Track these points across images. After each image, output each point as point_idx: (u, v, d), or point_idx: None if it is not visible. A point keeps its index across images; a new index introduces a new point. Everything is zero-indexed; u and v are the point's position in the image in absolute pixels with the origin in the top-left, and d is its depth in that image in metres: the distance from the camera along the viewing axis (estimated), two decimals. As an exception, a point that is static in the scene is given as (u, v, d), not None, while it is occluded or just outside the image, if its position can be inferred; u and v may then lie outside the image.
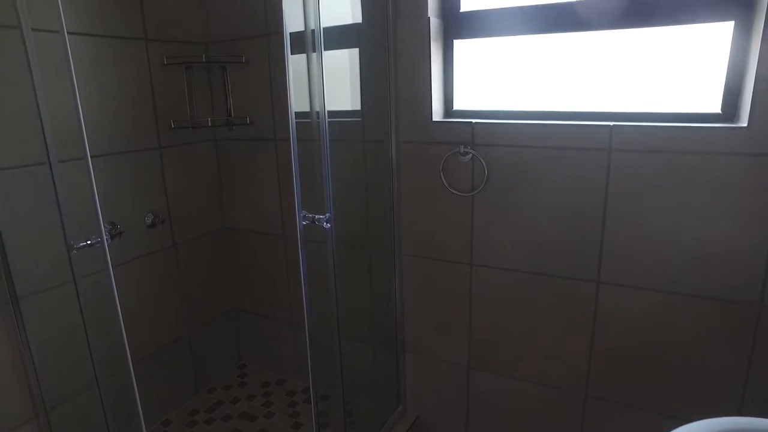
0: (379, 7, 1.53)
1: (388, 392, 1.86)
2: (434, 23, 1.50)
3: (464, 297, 1.64)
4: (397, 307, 1.77)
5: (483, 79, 1.58)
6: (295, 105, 1.13)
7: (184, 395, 2.08)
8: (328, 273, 1.36)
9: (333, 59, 1.60)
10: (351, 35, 1.64)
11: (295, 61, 1.20)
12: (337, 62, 1.69)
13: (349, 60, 1.68)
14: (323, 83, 1.24)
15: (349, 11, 1.63)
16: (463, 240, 1.58)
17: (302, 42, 1.35)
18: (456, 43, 1.57)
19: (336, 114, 1.52)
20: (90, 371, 1.38)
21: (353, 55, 1.68)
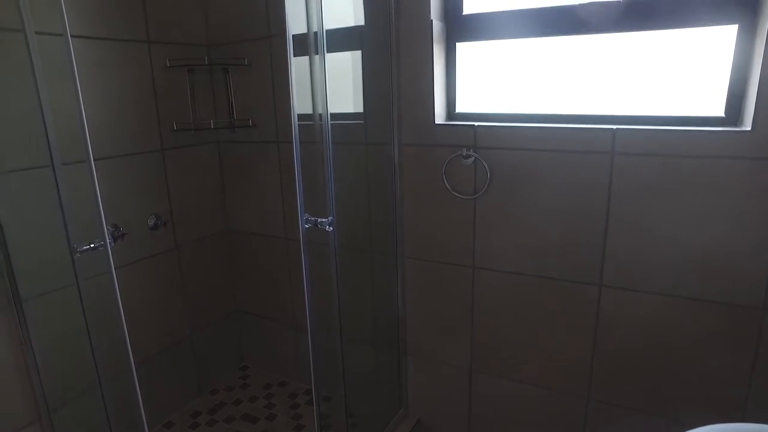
0: (382, 10, 1.53)
1: (390, 394, 1.86)
2: (437, 26, 1.50)
3: (466, 300, 1.63)
4: (399, 310, 1.77)
5: (485, 82, 1.58)
6: (298, 107, 1.13)
7: (187, 397, 2.09)
8: (331, 276, 1.36)
9: (335, 61, 1.60)
10: (353, 37, 1.64)
11: (298, 64, 1.20)
12: (340, 64, 1.69)
13: (352, 62, 1.68)
14: (326, 85, 1.24)
15: (352, 13, 1.63)
16: (466, 243, 1.58)
17: (305, 44, 1.35)
18: (458, 46, 1.56)
19: (338, 116, 1.52)
20: (92, 373, 1.38)
21: (356, 58, 1.67)
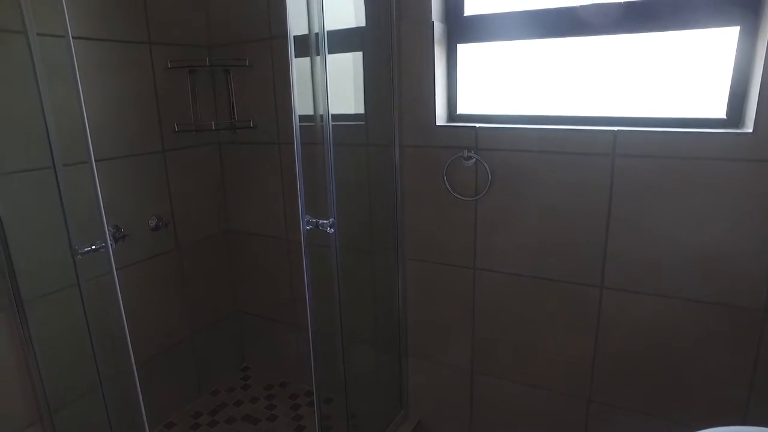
0: (383, 11, 1.53)
1: (391, 395, 1.86)
2: (438, 27, 1.50)
3: (467, 301, 1.63)
4: (400, 311, 1.77)
5: (487, 84, 1.58)
6: (299, 108, 1.13)
7: (188, 398, 2.09)
8: (332, 277, 1.36)
9: (337, 63, 1.61)
10: (355, 39, 1.64)
11: (299, 65, 1.20)
12: (341, 66, 1.69)
13: (353, 63, 1.68)
14: (327, 87, 1.24)
15: (353, 14, 1.63)
16: (467, 244, 1.58)
17: (306, 45, 1.35)
18: (460, 48, 1.56)
19: (340, 117, 1.52)
20: (93, 374, 1.39)
21: (357, 59, 1.67)
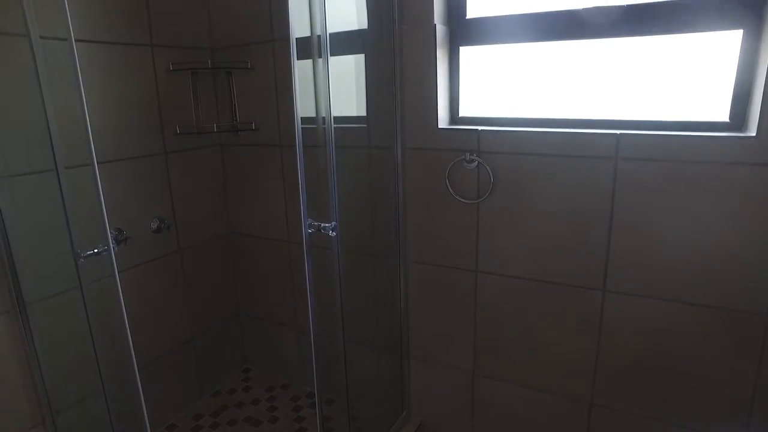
0: (385, 14, 1.53)
1: (393, 397, 1.85)
2: (440, 30, 1.50)
3: (469, 304, 1.63)
4: (402, 313, 1.76)
5: (489, 86, 1.58)
6: (301, 111, 1.12)
7: (189, 400, 2.09)
8: (334, 279, 1.36)
9: (339, 65, 1.60)
10: (357, 41, 1.64)
11: (301, 67, 1.19)
12: (343, 68, 1.69)
13: (355, 66, 1.68)
14: (329, 89, 1.24)
15: (355, 17, 1.63)
16: (469, 247, 1.58)
17: (308, 47, 1.34)
18: (462, 50, 1.56)
19: (341, 120, 1.52)
20: (96, 376, 1.39)
21: (359, 61, 1.67)
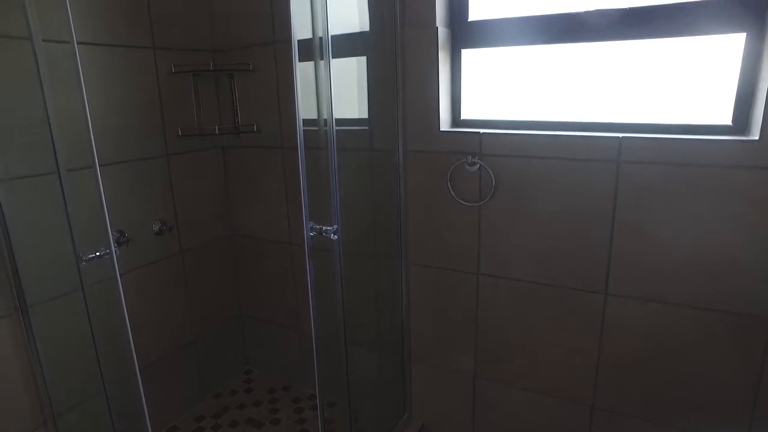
0: (387, 16, 1.53)
1: (394, 400, 1.85)
2: (442, 32, 1.50)
3: (471, 306, 1.63)
4: (404, 315, 1.76)
5: (491, 89, 1.58)
6: (303, 113, 1.12)
7: (191, 401, 2.09)
8: (335, 282, 1.36)
9: (340, 67, 1.60)
10: (359, 43, 1.64)
11: (303, 69, 1.19)
12: (345, 70, 1.69)
13: (357, 68, 1.68)
14: (331, 91, 1.24)
15: (357, 19, 1.63)
16: (470, 250, 1.58)
17: (310, 49, 1.34)
18: (464, 53, 1.56)
19: (343, 122, 1.52)
20: (97, 378, 1.39)
21: (361, 64, 1.67)
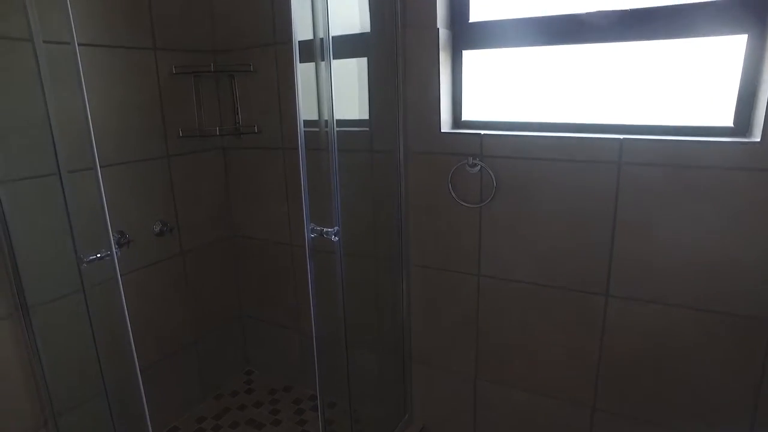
0: (388, 17, 1.53)
1: (395, 401, 1.85)
2: (443, 34, 1.50)
3: (471, 307, 1.63)
4: (405, 317, 1.76)
5: (492, 90, 1.58)
6: (303, 114, 1.12)
7: (191, 402, 2.09)
8: (336, 283, 1.36)
9: (341, 68, 1.60)
10: (359, 44, 1.64)
11: (304, 70, 1.19)
12: (346, 71, 1.69)
13: (358, 69, 1.68)
14: (332, 92, 1.23)
15: (358, 20, 1.63)
16: (471, 251, 1.58)
17: (311, 50, 1.34)
18: (465, 54, 1.56)
19: (344, 123, 1.52)
20: (98, 379, 1.39)
21: (361, 65, 1.67)
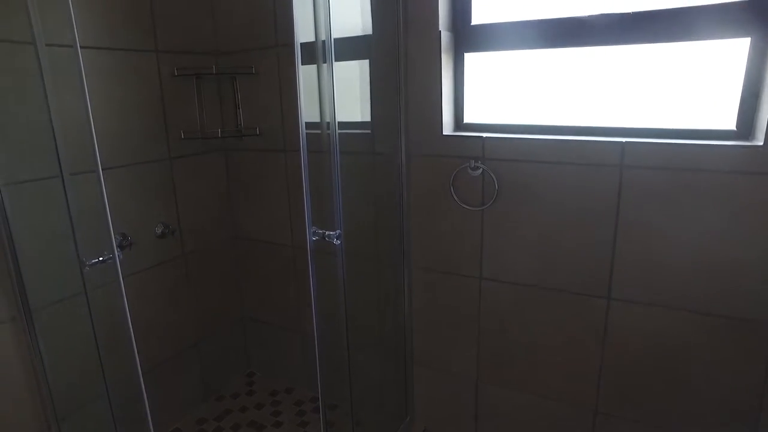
0: (390, 20, 1.53)
1: (397, 403, 1.85)
2: (445, 36, 1.50)
3: (473, 310, 1.63)
4: (406, 319, 1.76)
5: (494, 93, 1.58)
6: (305, 116, 1.12)
7: (193, 404, 2.09)
8: (338, 285, 1.36)
9: (343, 70, 1.60)
10: (361, 47, 1.64)
11: (305, 72, 1.19)
12: (348, 74, 1.69)
13: (360, 72, 1.68)
14: (334, 94, 1.23)
15: (360, 23, 1.63)
16: (473, 254, 1.58)
17: (313, 53, 1.34)
18: (467, 56, 1.56)
19: (346, 126, 1.52)
20: (100, 381, 1.39)
21: (363, 67, 1.67)
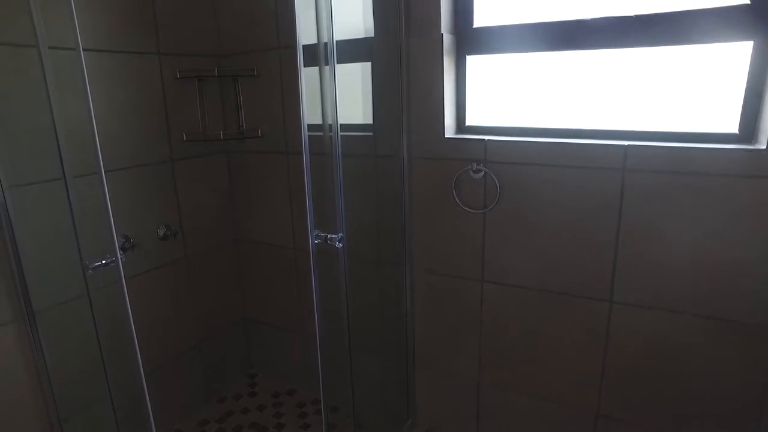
0: (392, 22, 1.53)
1: (398, 405, 1.85)
2: (447, 39, 1.50)
3: (475, 313, 1.63)
4: (408, 321, 1.76)
5: (496, 96, 1.58)
6: (307, 119, 1.12)
7: (195, 405, 2.09)
8: (340, 288, 1.36)
9: (345, 73, 1.60)
10: (363, 49, 1.64)
11: (308, 74, 1.19)
12: (350, 76, 1.69)
13: (362, 74, 1.68)
14: (336, 97, 1.23)
15: (362, 25, 1.63)
16: (475, 257, 1.58)
17: (315, 55, 1.34)
18: (469, 59, 1.56)
19: (348, 128, 1.52)
20: (103, 382, 1.39)
21: (365, 69, 1.67)
